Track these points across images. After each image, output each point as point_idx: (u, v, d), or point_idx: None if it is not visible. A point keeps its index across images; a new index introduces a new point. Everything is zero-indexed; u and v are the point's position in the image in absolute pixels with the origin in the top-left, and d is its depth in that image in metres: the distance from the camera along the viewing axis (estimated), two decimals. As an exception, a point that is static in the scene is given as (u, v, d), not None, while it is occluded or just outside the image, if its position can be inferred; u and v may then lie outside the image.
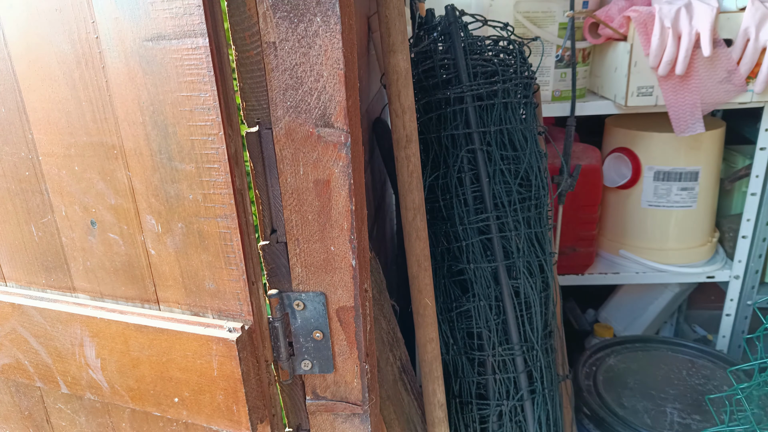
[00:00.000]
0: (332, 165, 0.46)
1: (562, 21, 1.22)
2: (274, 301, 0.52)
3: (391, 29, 0.75)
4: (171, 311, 0.55)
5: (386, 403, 0.80)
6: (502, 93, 0.89)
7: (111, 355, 0.57)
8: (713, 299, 1.72)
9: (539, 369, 0.92)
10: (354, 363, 0.54)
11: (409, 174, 0.78)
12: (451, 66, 0.90)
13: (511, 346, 0.90)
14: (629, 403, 1.18)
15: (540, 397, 0.92)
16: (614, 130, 1.39)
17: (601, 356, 1.35)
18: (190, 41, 0.43)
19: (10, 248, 0.61)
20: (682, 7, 1.10)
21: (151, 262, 0.53)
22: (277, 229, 0.51)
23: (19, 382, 0.68)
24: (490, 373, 0.91)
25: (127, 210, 0.52)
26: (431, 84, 0.92)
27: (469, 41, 0.90)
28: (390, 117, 0.79)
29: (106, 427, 0.65)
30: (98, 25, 0.46)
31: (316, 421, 0.58)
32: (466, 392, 0.95)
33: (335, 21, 0.42)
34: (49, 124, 0.52)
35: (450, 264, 0.93)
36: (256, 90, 0.46)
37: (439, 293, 0.95)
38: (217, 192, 0.47)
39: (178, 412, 0.56)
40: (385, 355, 0.81)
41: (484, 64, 0.90)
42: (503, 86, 0.88)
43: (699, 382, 1.24)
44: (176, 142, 0.47)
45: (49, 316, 0.58)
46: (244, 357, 0.51)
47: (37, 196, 0.56)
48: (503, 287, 0.89)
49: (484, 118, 0.89)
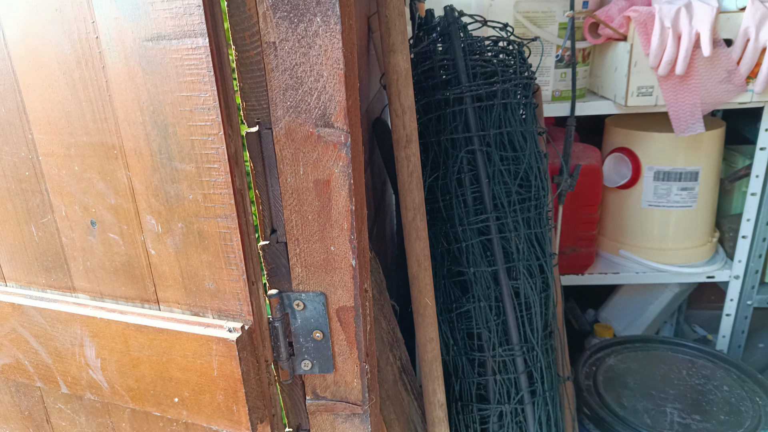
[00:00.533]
0: (332, 165, 0.46)
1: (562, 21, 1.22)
2: (274, 301, 0.52)
3: (391, 29, 0.75)
4: (171, 311, 0.55)
5: (386, 403, 0.80)
6: (502, 93, 0.89)
7: (111, 355, 0.57)
8: (713, 299, 1.72)
9: (540, 370, 0.92)
10: (354, 363, 0.54)
11: (409, 174, 0.78)
12: (451, 67, 0.90)
13: (512, 346, 0.90)
14: (629, 403, 1.18)
15: (540, 398, 0.92)
16: (614, 130, 1.39)
17: (601, 356, 1.35)
18: (190, 41, 0.43)
19: (10, 248, 0.61)
20: (682, 7, 1.10)
21: (151, 262, 0.53)
22: (277, 229, 0.51)
23: (19, 382, 0.68)
24: (490, 373, 0.91)
25: (127, 210, 0.52)
26: (430, 85, 0.92)
27: (469, 42, 0.90)
28: (390, 117, 0.79)
29: (106, 427, 0.65)
30: (98, 25, 0.46)
31: (316, 421, 0.58)
32: (466, 393, 0.94)
33: (335, 21, 0.42)
34: (49, 124, 0.52)
35: (450, 265, 0.93)
36: (256, 90, 0.46)
37: (439, 294, 0.95)
38: (217, 192, 0.47)
39: (178, 412, 0.56)
40: (385, 355, 0.81)
41: (483, 64, 0.90)
42: (502, 87, 0.88)
43: (699, 382, 1.24)
44: (176, 142, 0.47)
45: (49, 316, 0.58)
46: (244, 357, 0.51)
47: (37, 196, 0.56)
48: (503, 288, 0.89)
49: (483, 119, 0.89)
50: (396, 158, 0.79)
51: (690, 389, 1.22)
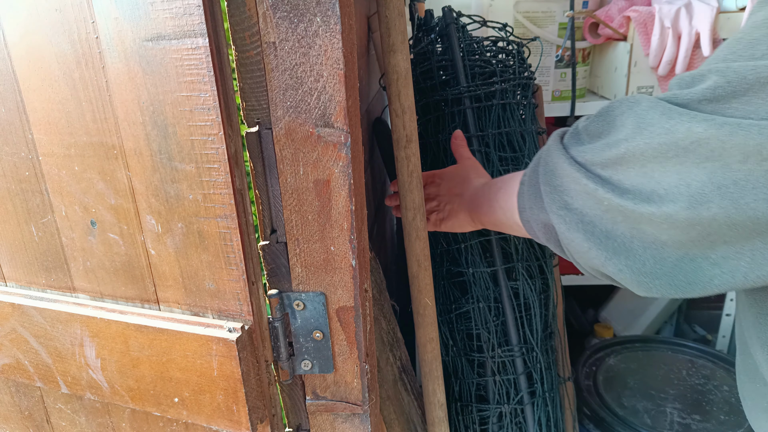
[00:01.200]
0: (332, 165, 0.46)
1: (562, 21, 1.22)
2: (274, 301, 0.52)
3: (391, 29, 0.75)
4: (171, 311, 0.55)
5: (386, 403, 0.80)
6: (501, 94, 0.89)
7: (111, 355, 0.57)
8: (713, 299, 1.72)
9: (539, 371, 0.91)
10: (354, 363, 0.54)
11: (409, 174, 0.78)
12: (449, 67, 0.90)
13: (511, 347, 0.90)
14: (629, 403, 1.18)
15: (540, 399, 0.92)
16: (614, 130, 1.38)
17: (601, 356, 1.35)
18: (190, 41, 0.43)
19: (10, 248, 0.61)
20: (682, 7, 1.10)
21: (151, 262, 0.53)
22: (277, 229, 0.51)
23: (19, 382, 0.68)
24: (489, 374, 0.91)
25: (127, 210, 0.52)
26: (429, 86, 0.92)
27: (467, 42, 0.90)
28: (390, 117, 0.79)
29: (106, 427, 0.65)
30: (98, 25, 0.46)
31: (316, 421, 0.58)
32: (466, 393, 0.94)
33: (335, 21, 0.42)
34: (49, 124, 0.52)
35: (449, 266, 0.93)
36: (256, 90, 0.46)
37: (438, 294, 0.95)
38: (217, 192, 0.47)
39: (178, 412, 0.56)
40: (385, 355, 0.81)
41: (482, 65, 0.90)
42: (501, 87, 0.88)
43: (699, 382, 1.24)
44: (176, 142, 0.47)
45: (49, 316, 0.59)
46: (244, 357, 0.51)
47: (37, 196, 0.56)
48: (502, 289, 0.89)
49: (482, 120, 0.89)
50: (396, 158, 0.79)
51: (690, 389, 1.22)
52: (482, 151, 0.88)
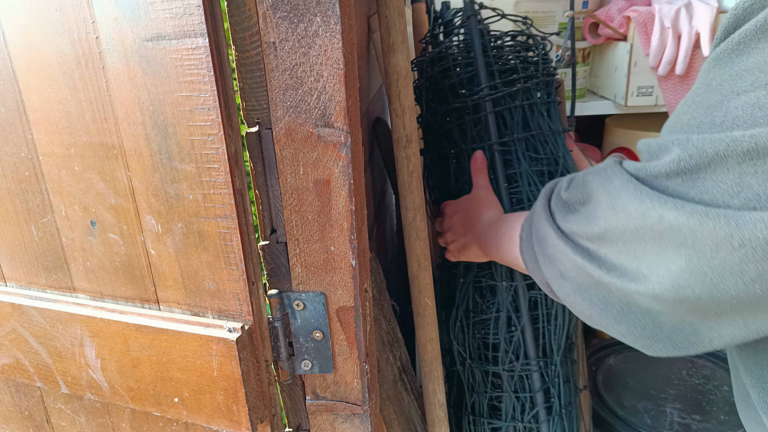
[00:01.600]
0: (332, 165, 0.46)
1: (562, 21, 1.22)
2: (274, 301, 0.52)
3: (391, 29, 0.75)
4: (171, 311, 0.55)
5: (386, 403, 0.80)
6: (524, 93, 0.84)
7: (111, 355, 0.57)
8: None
9: (557, 385, 0.88)
10: (354, 363, 0.54)
11: (409, 174, 0.78)
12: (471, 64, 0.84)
13: (528, 361, 0.86)
14: (629, 403, 1.18)
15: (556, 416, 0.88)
16: (614, 130, 1.39)
17: (601, 356, 1.35)
18: (190, 41, 0.43)
19: (10, 248, 0.61)
20: (682, 7, 1.10)
21: (151, 262, 0.53)
22: (277, 229, 0.51)
23: (19, 382, 0.68)
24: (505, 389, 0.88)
25: (127, 210, 0.52)
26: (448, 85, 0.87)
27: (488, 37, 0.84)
28: (390, 117, 0.79)
29: (106, 427, 0.65)
30: (98, 25, 0.46)
31: (316, 421, 0.58)
32: (479, 406, 0.92)
33: (335, 21, 0.42)
34: (49, 124, 0.52)
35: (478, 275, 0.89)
36: (256, 90, 0.46)
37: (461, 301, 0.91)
38: (217, 192, 0.47)
39: (178, 412, 0.56)
40: (385, 355, 0.81)
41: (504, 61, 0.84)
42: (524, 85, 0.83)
43: (699, 382, 1.24)
44: (176, 142, 0.47)
45: (49, 316, 0.59)
46: (244, 357, 0.51)
47: (37, 196, 0.56)
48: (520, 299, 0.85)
49: (506, 120, 0.84)
50: (396, 158, 0.79)
51: (690, 389, 1.22)
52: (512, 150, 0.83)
